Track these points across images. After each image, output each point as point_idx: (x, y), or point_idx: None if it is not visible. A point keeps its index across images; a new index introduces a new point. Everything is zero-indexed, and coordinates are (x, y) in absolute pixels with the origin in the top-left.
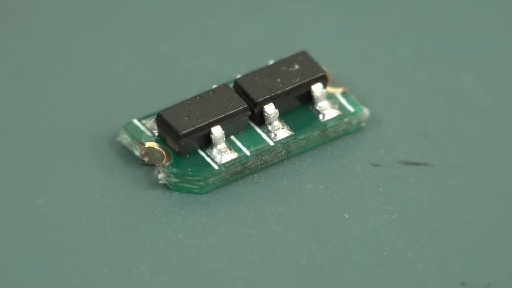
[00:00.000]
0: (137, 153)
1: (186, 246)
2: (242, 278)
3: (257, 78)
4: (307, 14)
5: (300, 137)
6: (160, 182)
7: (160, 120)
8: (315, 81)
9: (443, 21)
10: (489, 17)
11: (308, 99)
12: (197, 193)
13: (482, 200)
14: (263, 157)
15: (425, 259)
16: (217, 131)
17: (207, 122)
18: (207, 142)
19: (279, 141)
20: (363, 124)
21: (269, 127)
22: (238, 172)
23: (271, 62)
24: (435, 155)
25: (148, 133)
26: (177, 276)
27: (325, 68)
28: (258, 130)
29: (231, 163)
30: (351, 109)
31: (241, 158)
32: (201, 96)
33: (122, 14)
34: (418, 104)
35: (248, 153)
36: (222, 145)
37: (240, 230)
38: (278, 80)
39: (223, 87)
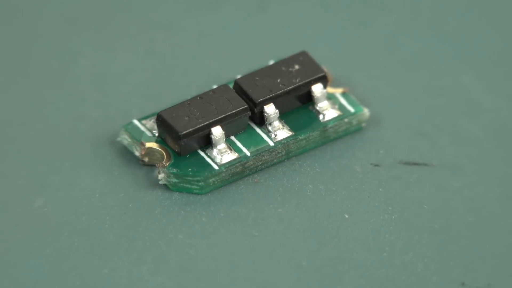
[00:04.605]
0: (137, 153)
1: (186, 246)
2: (242, 278)
3: (257, 78)
4: (307, 14)
5: (300, 137)
6: (160, 182)
7: (160, 121)
8: (315, 81)
9: (443, 21)
10: (489, 18)
11: (308, 99)
12: (197, 193)
13: (482, 200)
14: (263, 158)
15: (425, 259)
16: (217, 132)
17: (207, 122)
18: (207, 143)
19: (279, 142)
20: (363, 124)
21: (269, 128)
22: (238, 172)
23: (271, 62)
24: (435, 155)
25: (148, 134)
26: (177, 276)
27: (325, 68)
28: (258, 130)
29: (231, 163)
30: (351, 109)
31: (241, 159)
32: (201, 96)
33: (122, 14)
34: (418, 104)
35: (248, 154)
36: (222, 146)
37: (240, 230)
38: (278, 81)
39: (223, 87)
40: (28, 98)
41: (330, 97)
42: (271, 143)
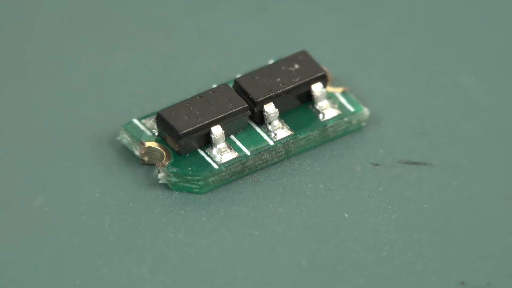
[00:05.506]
0: (137, 152)
1: (186, 246)
2: (242, 278)
3: (257, 77)
4: (307, 14)
5: (300, 136)
6: (160, 181)
7: (160, 120)
8: (315, 80)
9: (443, 21)
10: (489, 18)
11: (308, 98)
12: (197, 193)
13: (482, 200)
14: (263, 157)
15: (425, 259)
16: (217, 131)
17: (207, 121)
18: (207, 142)
19: (279, 141)
20: (363, 124)
21: (269, 127)
22: (238, 171)
23: (271, 62)
24: (435, 155)
25: (148, 133)
26: (177, 275)
27: (325, 68)
28: (258, 129)
29: (231, 162)
30: (351, 108)
31: (241, 158)
32: (201, 95)
33: (122, 14)
34: (418, 104)
35: (248, 153)
36: (222, 145)
37: (240, 230)
38: (278, 80)
39: (223, 87)
40: (28, 98)
41: (330, 97)
42: (271, 142)
